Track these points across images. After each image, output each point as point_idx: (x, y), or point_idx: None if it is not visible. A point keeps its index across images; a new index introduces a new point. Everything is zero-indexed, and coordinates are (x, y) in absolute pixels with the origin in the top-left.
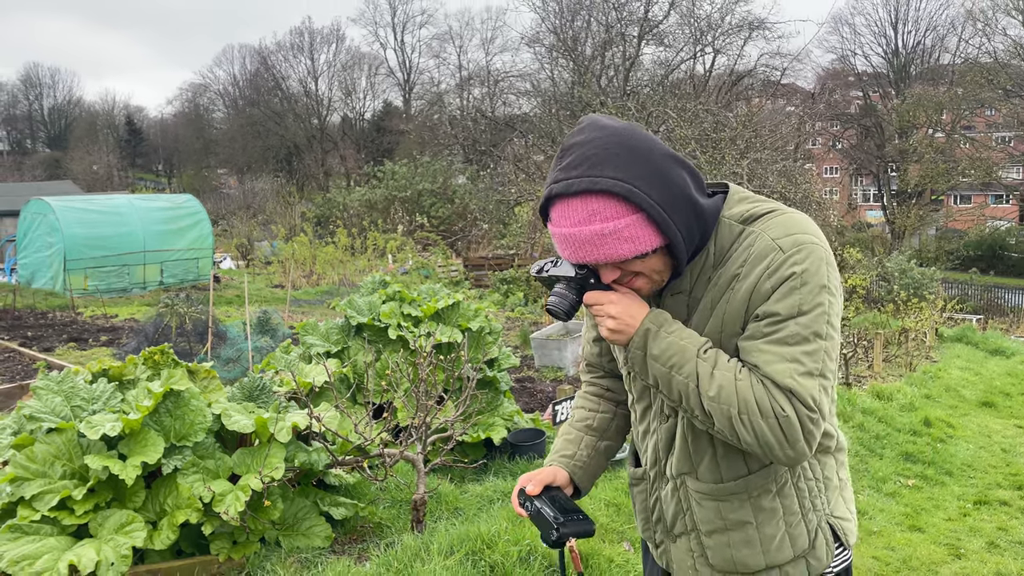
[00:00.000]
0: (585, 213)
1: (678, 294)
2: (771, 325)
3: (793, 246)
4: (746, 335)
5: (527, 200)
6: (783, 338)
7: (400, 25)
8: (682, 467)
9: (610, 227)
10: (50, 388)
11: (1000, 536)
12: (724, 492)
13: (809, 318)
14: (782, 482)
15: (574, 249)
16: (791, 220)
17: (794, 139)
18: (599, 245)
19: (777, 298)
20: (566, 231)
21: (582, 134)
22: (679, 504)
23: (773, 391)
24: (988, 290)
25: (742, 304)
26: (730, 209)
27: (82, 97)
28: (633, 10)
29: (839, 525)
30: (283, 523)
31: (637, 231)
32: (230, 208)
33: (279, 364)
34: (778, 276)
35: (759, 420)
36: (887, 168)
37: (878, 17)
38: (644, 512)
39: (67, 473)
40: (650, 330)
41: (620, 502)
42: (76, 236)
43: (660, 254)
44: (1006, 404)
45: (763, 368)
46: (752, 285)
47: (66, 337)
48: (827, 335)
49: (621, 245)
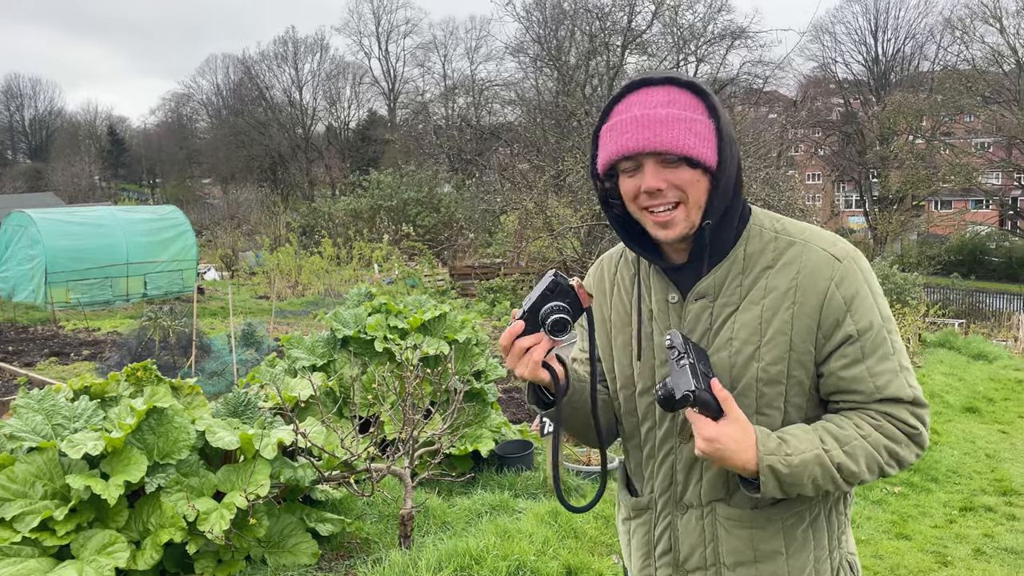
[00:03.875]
0: (667, 97)
1: (701, 299)
2: (872, 341)
3: (846, 255)
4: (848, 361)
5: (513, 209)
6: (885, 352)
7: (384, 34)
8: (715, 493)
9: (687, 115)
10: (31, 406)
11: (986, 543)
12: (758, 518)
13: (891, 321)
14: (815, 512)
15: (641, 128)
16: (823, 232)
17: (777, 146)
18: (670, 127)
19: (863, 311)
20: (640, 112)
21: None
22: (702, 534)
23: (898, 412)
24: (970, 294)
25: (813, 317)
26: (757, 218)
27: (64, 108)
28: (617, 20)
29: (853, 561)
30: (269, 540)
31: (705, 131)
32: (214, 218)
33: (264, 378)
34: (850, 287)
35: (900, 451)
36: (869, 174)
37: (858, 26)
38: (646, 546)
39: (48, 493)
40: (773, 466)
41: (609, 515)
42: (58, 248)
43: (705, 180)
44: (989, 409)
45: (885, 390)
46: (822, 297)
47: (47, 351)
48: (896, 327)
49: (689, 136)
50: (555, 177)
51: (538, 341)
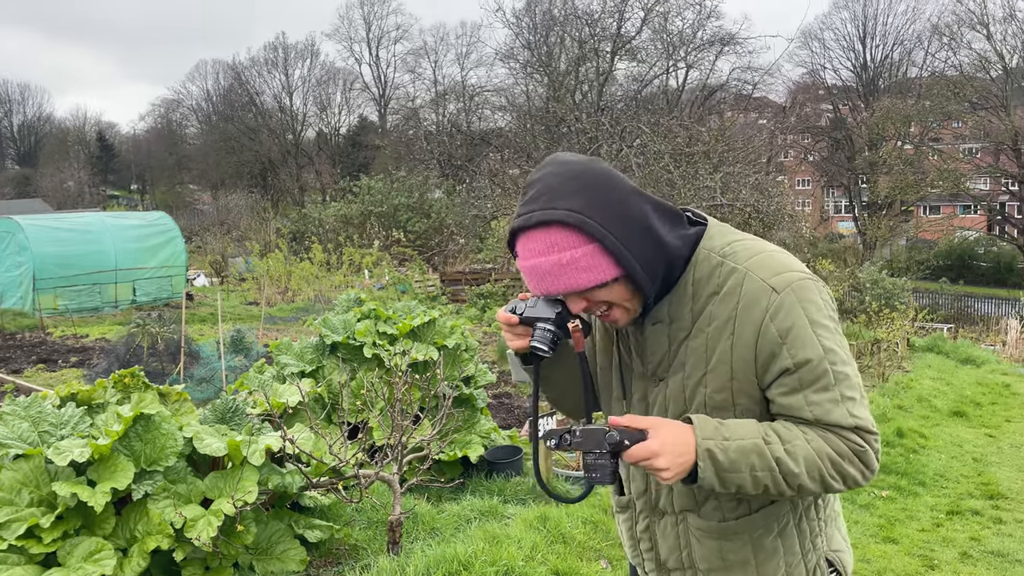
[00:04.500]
0: (544, 244)
1: (658, 323)
2: (810, 373)
3: (785, 285)
4: (786, 391)
5: (503, 214)
6: (825, 384)
7: (375, 40)
8: (685, 503)
9: (567, 256)
10: (17, 413)
11: (973, 546)
12: (727, 531)
13: (834, 353)
14: (784, 522)
15: (538, 280)
16: (771, 258)
17: (766, 152)
18: (559, 275)
19: (799, 345)
20: (529, 263)
21: (543, 170)
22: (678, 539)
23: (843, 434)
24: (958, 299)
25: (749, 349)
26: (709, 241)
27: (52, 113)
28: (606, 26)
29: (836, 558)
30: (257, 547)
31: (593, 260)
32: (204, 224)
33: (253, 384)
34: (784, 321)
35: (845, 467)
36: (858, 180)
37: (847, 32)
38: (631, 540)
39: (35, 500)
40: (712, 450)
41: (598, 519)
42: (46, 255)
43: (623, 284)
44: (977, 414)
45: (824, 419)
46: (756, 330)
47: (35, 358)
48: (848, 358)
49: (579, 275)
50: None
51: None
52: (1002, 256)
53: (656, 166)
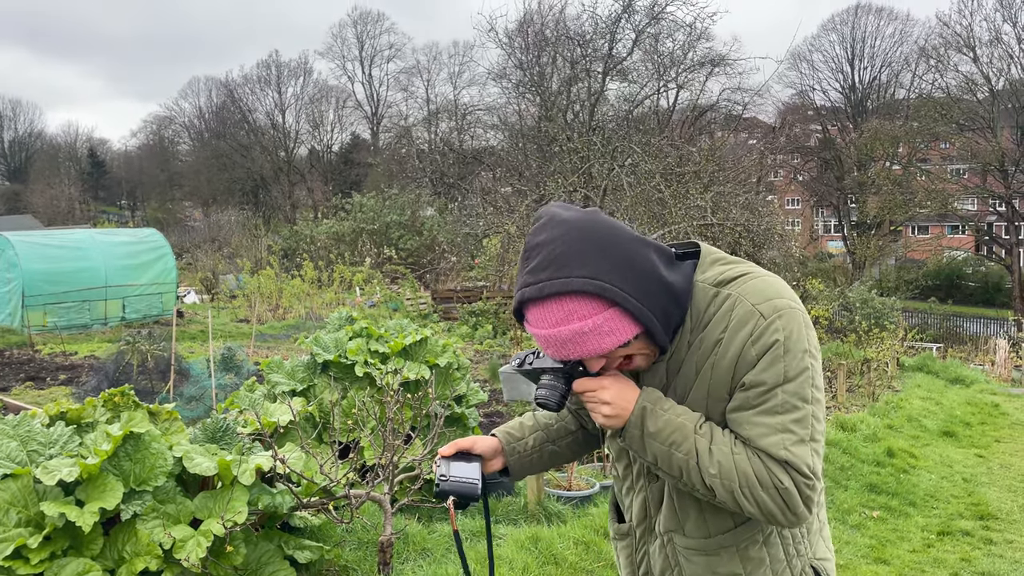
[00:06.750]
0: (561, 314)
1: (658, 360)
2: (760, 396)
3: (773, 312)
4: (735, 406)
5: (495, 233)
6: (772, 408)
7: (368, 59)
8: (669, 524)
9: (588, 325)
10: (6, 432)
11: (963, 567)
12: (712, 547)
13: (795, 384)
14: (768, 531)
15: (557, 348)
16: (765, 284)
17: (756, 172)
18: (580, 343)
19: (763, 367)
20: (546, 332)
21: (544, 232)
22: (667, 560)
23: (770, 464)
24: (947, 319)
25: (728, 372)
26: (703, 273)
27: (44, 130)
28: (598, 47)
29: (821, 566)
30: (246, 568)
31: (615, 324)
32: (195, 241)
33: (243, 403)
34: (762, 343)
35: (760, 492)
36: (847, 199)
37: (835, 54)
38: (630, 567)
39: (22, 520)
40: (646, 408)
41: (589, 540)
42: (35, 271)
43: (642, 338)
44: (966, 434)
45: (756, 442)
46: (737, 352)
47: (23, 376)
48: (813, 399)
49: (602, 340)
50: (537, 201)
51: None
52: (990, 276)
53: (647, 185)
